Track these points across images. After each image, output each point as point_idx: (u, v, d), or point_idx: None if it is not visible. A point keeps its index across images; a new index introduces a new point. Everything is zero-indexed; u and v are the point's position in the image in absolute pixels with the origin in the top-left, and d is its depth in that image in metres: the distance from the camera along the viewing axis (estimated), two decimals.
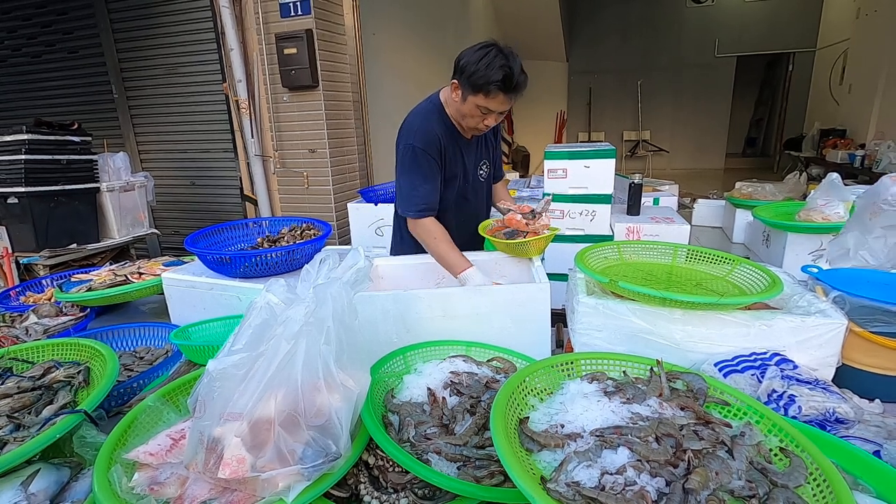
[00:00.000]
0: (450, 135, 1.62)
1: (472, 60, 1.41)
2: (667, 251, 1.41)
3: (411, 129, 1.60)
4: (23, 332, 1.48)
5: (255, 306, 0.81)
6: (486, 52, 1.40)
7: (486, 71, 1.39)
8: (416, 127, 1.59)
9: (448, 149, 1.62)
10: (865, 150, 5.81)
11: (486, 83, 1.40)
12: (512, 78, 1.40)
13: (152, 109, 4.52)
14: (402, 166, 1.60)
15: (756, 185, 2.56)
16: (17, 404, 0.95)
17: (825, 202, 1.79)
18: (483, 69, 1.39)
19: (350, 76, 4.11)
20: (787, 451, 0.71)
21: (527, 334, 1.20)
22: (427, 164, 1.57)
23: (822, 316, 1.04)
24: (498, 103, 1.45)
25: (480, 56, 1.40)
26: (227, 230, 1.82)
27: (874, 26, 6.34)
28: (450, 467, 0.77)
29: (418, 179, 1.58)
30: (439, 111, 1.61)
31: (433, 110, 1.62)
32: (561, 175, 2.75)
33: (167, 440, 0.78)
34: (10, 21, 4.70)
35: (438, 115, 1.61)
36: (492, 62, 1.39)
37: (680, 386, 0.87)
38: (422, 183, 1.58)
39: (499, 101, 1.45)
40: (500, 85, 1.40)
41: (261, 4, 3.69)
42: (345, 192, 4.13)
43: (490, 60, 1.39)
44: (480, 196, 1.81)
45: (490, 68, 1.39)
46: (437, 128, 1.58)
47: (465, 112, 1.51)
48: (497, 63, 1.39)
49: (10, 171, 3.02)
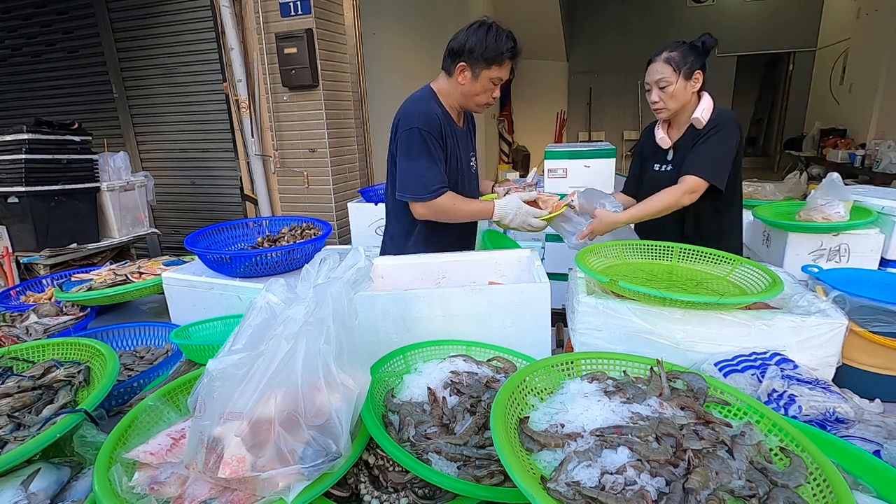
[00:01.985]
0: (448, 122, 1.65)
1: (479, 38, 1.54)
2: (667, 251, 1.41)
3: (409, 114, 1.60)
4: (23, 331, 1.48)
5: (255, 306, 0.81)
6: (487, 29, 1.55)
7: (496, 43, 1.53)
8: (417, 111, 1.60)
9: (447, 135, 1.64)
10: (866, 149, 5.81)
11: (498, 54, 1.54)
12: (518, 43, 1.57)
13: (152, 109, 4.52)
14: (407, 151, 1.59)
15: (756, 184, 2.56)
16: (18, 404, 0.95)
17: (825, 202, 1.78)
18: (493, 42, 1.53)
19: (350, 75, 4.11)
20: (788, 451, 0.71)
21: (527, 334, 1.20)
22: (433, 146, 1.59)
23: (823, 316, 1.04)
24: (506, 71, 1.60)
25: (484, 33, 1.54)
26: (228, 230, 1.82)
27: (874, 26, 6.34)
28: (450, 467, 0.77)
29: (427, 161, 1.58)
30: (436, 100, 1.66)
31: (430, 97, 1.66)
32: (561, 175, 2.75)
33: (167, 440, 0.78)
34: (11, 20, 4.70)
35: (435, 103, 1.65)
36: (498, 35, 1.54)
37: (680, 386, 0.87)
38: (431, 164, 1.58)
39: (507, 69, 1.60)
40: (513, 51, 1.56)
41: (261, 4, 3.69)
42: (345, 192, 4.12)
43: (496, 34, 1.54)
44: (473, 186, 1.83)
45: (499, 40, 1.53)
46: (436, 112, 1.62)
47: (478, 89, 1.61)
48: (503, 35, 1.55)
49: (10, 171, 3.02)
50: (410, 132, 1.57)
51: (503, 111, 9.68)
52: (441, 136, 1.61)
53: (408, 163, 1.59)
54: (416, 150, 1.57)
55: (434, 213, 1.63)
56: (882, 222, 1.77)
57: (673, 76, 1.65)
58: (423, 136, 1.56)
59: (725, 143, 1.64)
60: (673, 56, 1.65)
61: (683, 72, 1.64)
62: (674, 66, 1.65)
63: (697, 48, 1.67)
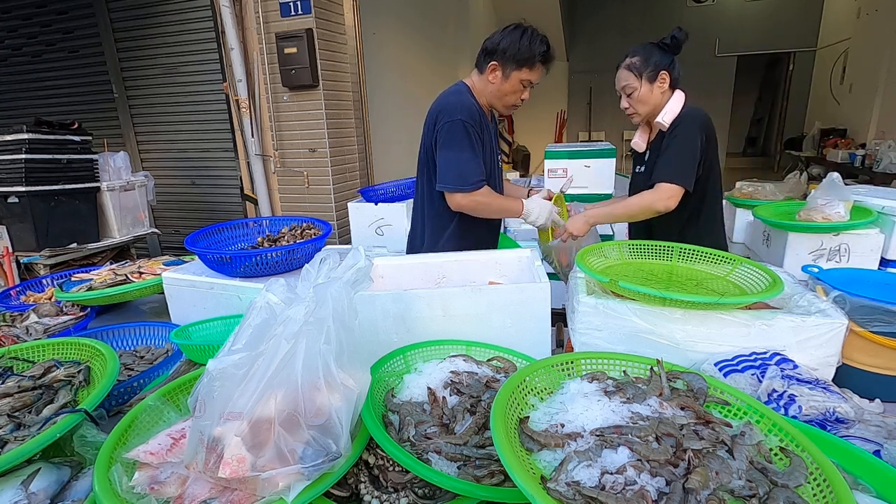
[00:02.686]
0: (482, 116, 1.68)
1: (513, 39, 1.58)
2: (667, 251, 1.41)
3: (451, 106, 1.62)
4: (23, 331, 1.48)
5: (255, 306, 0.81)
6: (522, 32, 1.58)
7: (529, 46, 1.57)
8: (459, 103, 1.62)
9: (483, 128, 1.67)
10: (866, 149, 5.81)
11: (531, 56, 1.57)
12: (550, 50, 1.60)
13: (152, 109, 4.52)
14: (450, 143, 1.60)
15: (756, 184, 2.56)
16: (18, 403, 0.95)
17: (826, 202, 1.79)
18: (527, 45, 1.57)
19: (350, 75, 4.11)
20: (788, 451, 0.71)
21: (527, 334, 1.20)
22: (475, 137, 1.62)
23: (823, 316, 1.04)
24: (537, 75, 1.63)
25: (519, 35, 1.58)
26: (228, 229, 1.82)
27: (874, 26, 6.33)
28: (450, 467, 0.77)
29: (470, 153, 1.60)
30: (470, 94, 1.69)
31: (465, 91, 1.69)
32: (561, 175, 2.75)
33: (167, 440, 0.78)
34: (11, 20, 4.70)
35: (472, 97, 1.68)
36: (532, 38, 1.57)
37: (680, 385, 0.87)
38: (473, 157, 1.61)
39: (538, 73, 1.63)
40: (543, 57, 1.59)
41: (261, 4, 3.69)
42: (345, 192, 4.12)
43: (530, 37, 1.57)
44: (500, 183, 1.85)
45: (532, 43, 1.57)
46: (474, 105, 1.65)
47: (508, 90, 1.64)
48: (537, 39, 1.58)
49: (10, 171, 3.02)
50: (454, 124, 1.59)
51: None
52: (480, 129, 1.64)
53: (451, 153, 1.61)
54: (459, 142, 1.59)
55: (474, 204, 1.65)
56: (882, 222, 1.77)
57: (636, 82, 1.65)
58: (465, 128, 1.59)
59: (686, 144, 1.60)
60: (634, 62, 1.65)
61: (646, 75, 1.64)
62: (635, 73, 1.65)
63: (663, 46, 1.65)
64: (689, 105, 1.67)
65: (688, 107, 1.66)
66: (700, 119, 1.63)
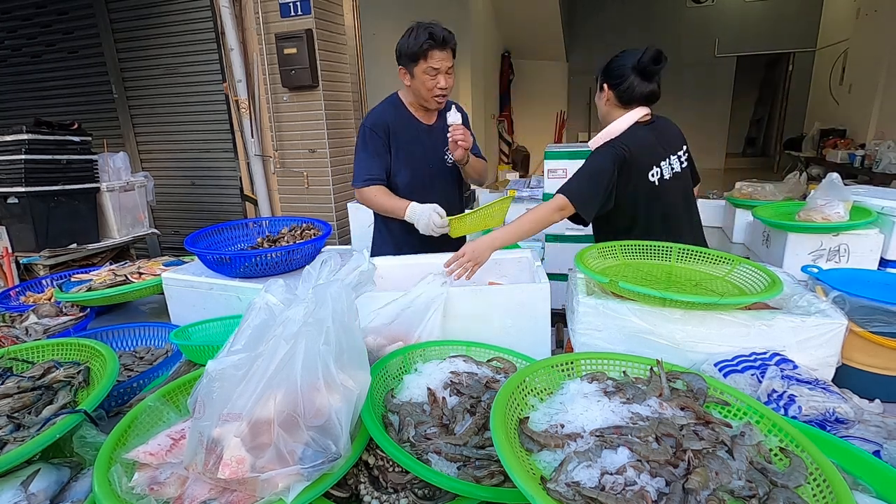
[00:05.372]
0: (405, 121, 1.83)
1: (403, 41, 1.72)
2: (666, 251, 1.41)
3: (368, 114, 1.87)
4: (23, 331, 1.48)
5: (254, 307, 0.81)
6: (409, 31, 1.71)
7: (415, 40, 1.67)
8: (371, 112, 1.87)
9: (401, 132, 1.82)
10: (865, 150, 5.80)
11: (419, 48, 1.67)
12: (435, 34, 1.67)
13: (152, 109, 4.52)
14: (356, 145, 1.86)
15: (756, 184, 2.56)
16: (17, 404, 0.95)
17: (825, 202, 1.78)
18: (413, 40, 1.68)
19: (350, 76, 4.11)
20: (787, 451, 0.71)
21: (527, 334, 1.20)
22: (372, 141, 1.80)
23: (822, 316, 1.04)
24: (438, 60, 1.69)
25: (407, 35, 1.71)
26: (227, 230, 1.82)
27: (874, 26, 6.33)
28: (450, 467, 0.77)
29: (363, 153, 1.82)
30: (394, 103, 1.86)
31: (388, 102, 1.88)
32: (561, 175, 2.75)
33: (167, 440, 0.78)
34: (10, 21, 4.70)
35: (393, 106, 1.85)
36: (417, 32, 1.68)
37: (680, 386, 0.87)
38: (368, 157, 1.81)
39: (438, 58, 1.69)
40: (430, 43, 1.66)
41: (261, 4, 3.69)
42: (345, 192, 4.12)
43: (416, 32, 1.69)
44: (449, 182, 1.96)
45: (416, 37, 1.67)
46: (387, 112, 1.83)
47: (419, 84, 1.73)
48: (420, 30, 1.68)
49: (10, 171, 3.01)
50: (360, 129, 1.84)
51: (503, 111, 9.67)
52: (386, 133, 1.79)
53: (356, 154, 1.86)
54: (360, 145, 1.84)
55: (362, 199, 1.86)
56: (882, 222, 1.77)
57: (597, 93, 1.65)
58: (364, 132, 1.81)
59: (591, 165, 1.52)
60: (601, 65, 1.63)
61: (599, 82, 1.62)
62: (598, 83, 1.64)
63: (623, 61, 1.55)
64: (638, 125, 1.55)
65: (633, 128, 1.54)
66: (621, 155, 1.50)
